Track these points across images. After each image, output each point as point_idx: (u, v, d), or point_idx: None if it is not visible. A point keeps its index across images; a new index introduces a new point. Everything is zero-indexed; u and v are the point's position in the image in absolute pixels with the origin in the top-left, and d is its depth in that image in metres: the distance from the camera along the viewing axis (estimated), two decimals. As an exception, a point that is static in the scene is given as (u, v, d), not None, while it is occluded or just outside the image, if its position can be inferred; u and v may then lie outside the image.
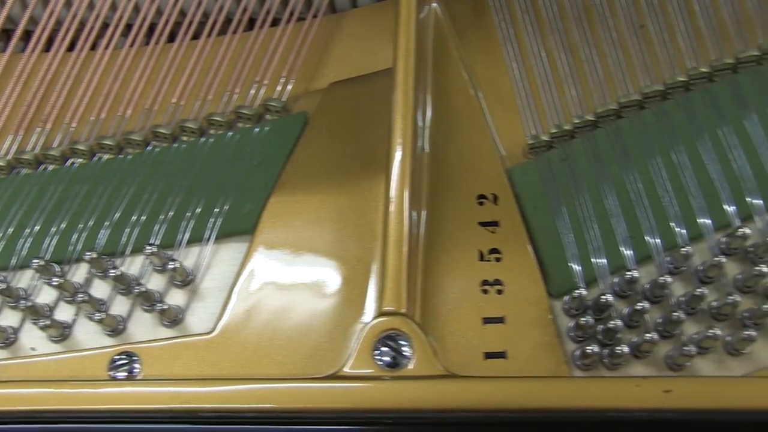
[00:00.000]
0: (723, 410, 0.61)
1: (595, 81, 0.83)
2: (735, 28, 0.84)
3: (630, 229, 0.74)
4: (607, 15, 0.86)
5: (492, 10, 0.88)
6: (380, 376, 0.65)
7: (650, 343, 0.69)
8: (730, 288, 0.72)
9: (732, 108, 0.79)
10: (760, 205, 0.74)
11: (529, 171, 0.78)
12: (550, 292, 0.73)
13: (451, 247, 0.75)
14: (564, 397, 0.63)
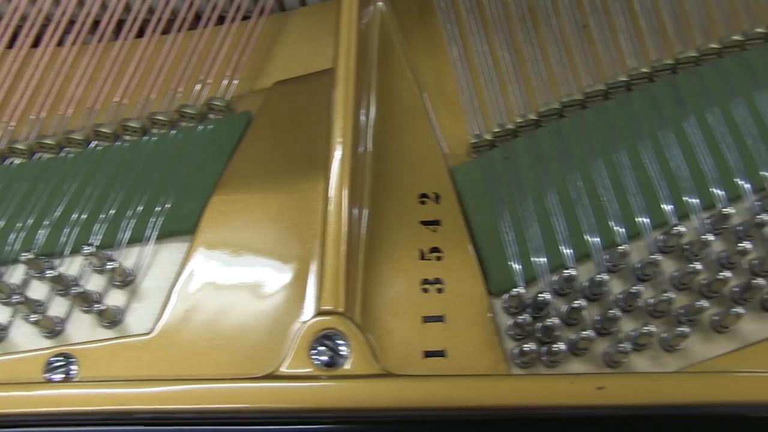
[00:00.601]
0: (655, 406, 0.62)
1: (538, 80, 0.83)
2: (674, 29, 0.85)
3: (570, 227, 0.75)
4: (551, 15, 0.86)
5: (437, 10, 0.87)
6: (317, 376, 0.65)
7: (587, 341, 0.69)
8: (667, 285, 0.72)
9: (671, 108, 0.80)
10: (696, 204, 0.75)
11: (472, 170, 0.78)
12: (490, 291, 0.73)
13: (392, 246, 0.75)
14: (499, 394, 0.63)
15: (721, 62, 0.82)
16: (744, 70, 0.81)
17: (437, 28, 0.87)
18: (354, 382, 0.65)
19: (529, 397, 0.63)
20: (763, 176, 0.77)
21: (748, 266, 0.74)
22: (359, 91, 0.77)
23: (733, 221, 0.75)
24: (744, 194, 0.76)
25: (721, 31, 0.85)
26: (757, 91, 0.80)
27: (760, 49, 0.83)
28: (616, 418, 0.63)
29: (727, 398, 0.62)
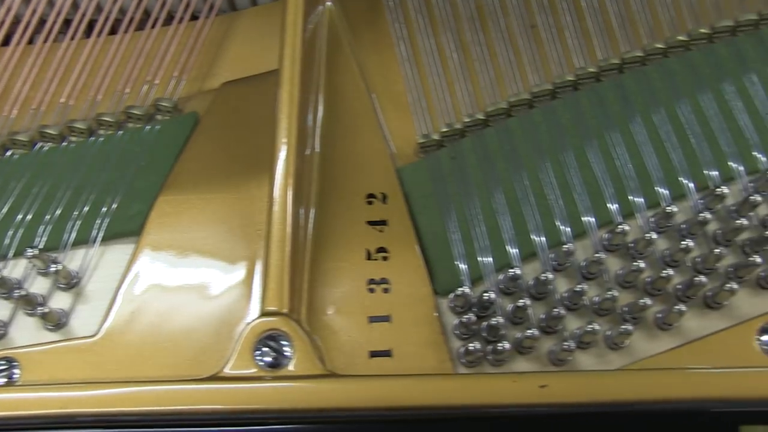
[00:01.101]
0: (596, 403, 0.62)
1: (486, 80, 0.84)
2: (621, 29, 0.85)
3: (516, 227, 0.75)
4: (499, 15, 0.87)
5: (386, 10, 0.87)
6: (261, 377, 0.65)
7: (532, 339, 0.69)
8: (612, 283, 0.73)
9: (617, 107, 0.80)
10: (641, 203, 0.76)
11: (419, 170, 0.78)
12: (436, 291, 0.73)
13: (338, 247, 0.75)
14: (441, 394, 0.63)
15: (666, 62, 0.83)
16: (688, 70, 0.82)
17: (386, 28, 0.87)
18: (297, 382, 0.65)
19: (472, 396, 0.63)
20: (706, 175, 0.77)
21: (691, 264, 0.74)
22: (305, 91, 0.77)
23: (676, 219, 0.75)
24: (687, 193, 0.77)
25: (666, 31, 0.85)
26: (701, 91, 0.81)
27: (703, 50, 0.83)
28: (558, 416, 0.63)
29: (669, 395, 0.63)
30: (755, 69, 0.82)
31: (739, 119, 0.80)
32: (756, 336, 0.69)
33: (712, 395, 0.62)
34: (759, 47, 0.83)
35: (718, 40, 0.85)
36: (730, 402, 0.62)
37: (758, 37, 0.84)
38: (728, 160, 0.78)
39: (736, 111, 0.80)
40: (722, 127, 0.79)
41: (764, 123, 0.79)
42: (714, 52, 0.83)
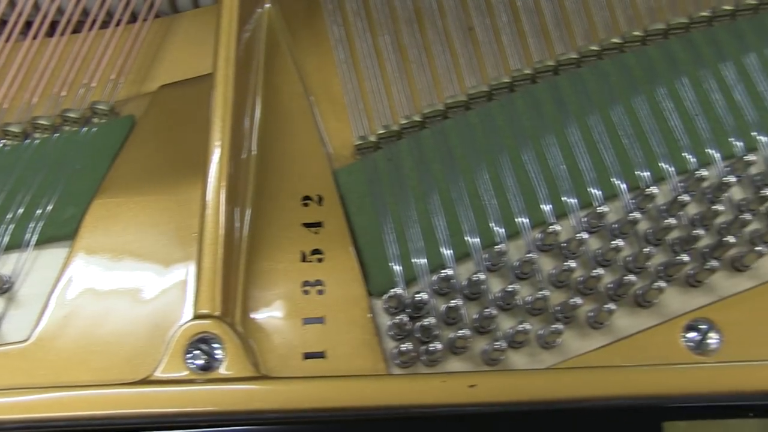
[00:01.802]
0: (523, 402, 0.63)
1: (423, 82, 0.84)
2: (556, 31, 0.86)
3: (450, 228, 0.76)
4: (436, 17, 0.87)
5: (325, 12, 0.88)
6: (191, 380, 0.65)
7: (464, 339, 0.70)
8: (545, 283, 0.74)
9: (552, 109, 0.81)
10: (573, 204, 0.77)
11: (355, 172, 0.79)
12: (370, 292, 0.73)
13: (273, 249, 0.75)
14: (372, 394, 0.64)
15: (600, 64, 0.84)
16: (622, 71, 0.83)
17: (325, 30, 0.87)
18: (227, 385, 0.65)
19: (402, 397, 0.64)
20: (637, 175, 0.78)
21: (622, 263, 0.75)
22: (241, 94, 0.77)
23: (608, 219, 0.76)
24: (619, 193, 0.78)
25: (601, 33, 0.87)
26: (634, 93, 0.82)
27: (636, 52, 0.85)
28: (489, 415, 0.64)
29: (593, 393, 0.64)
30: (686, 71, 0.83)
31: (670, 120, 0.81)
32: (682, 333, 0.70)
33: (635, 392, 0.63)
34: (689, 50, 0.84)
35: (650, 43, 0.86)
36: (654, 399, 0.63)
37: (688, 39, 0.85)
38: (659, 161, 0.79)
39: (667, 112, 0.81)
40: (653, 128, 0.80)
41: (694, 124, 0.80)
42: (646, 54, 0.84)
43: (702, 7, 0.88)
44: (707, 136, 0.81)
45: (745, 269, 0.75)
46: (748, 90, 0.83)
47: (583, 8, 0.87)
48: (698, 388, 0.64)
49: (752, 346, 0.69)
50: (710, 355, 0.69)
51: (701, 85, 0.83)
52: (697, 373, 0.65)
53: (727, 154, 0.80)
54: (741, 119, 0.82)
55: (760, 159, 0.80)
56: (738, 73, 0.83)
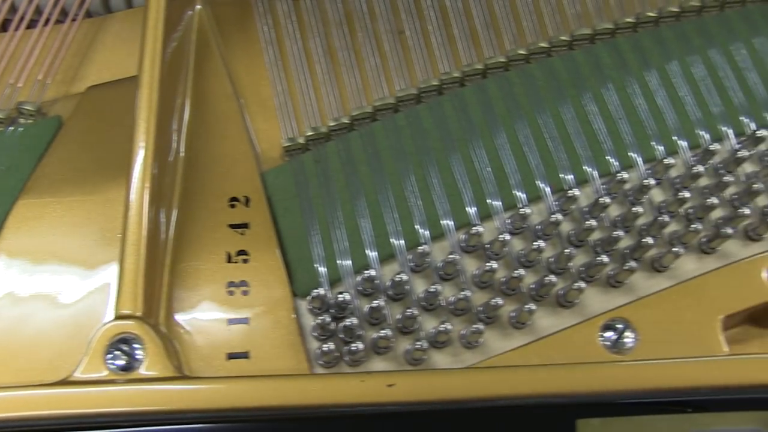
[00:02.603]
0: (440, 401, 0.64)
1: (353, 85, 0.85)
2: (485, 35, 0.87)
3: (376, 229, 0.76)
4: (367, 21, 0.88)
5: (256, 15, 0.88)
6: (111, 380, 0.65)
7: (386, 340, 0.71)
8: (468, 284, 0.75)
9: (479, 112, 0.82)
10: (498, 206, 0.78)
11: (283, 173, 0.79)
12: (295, 293, 0.74)
13: (199, 250, 0.75)
14: (291, 394, 0.64)
15: (528, 68, 0.86)
16: (548, 75, 0.85)
17: (256, 32, 0.88)
18: (147, 385, 0.65)
19: (321, 396, 0.64)
20: (561, 178, 0.80)
21: (545, 264, 0.77)
22: (167, 95, 0.77)
23: (532, 221, 0.77)
24: (543, 195, 0.79)
25: (529, 37, 0.88)
26: (560, 96, 0.83)
27: (563, 57, 0.86)
28: (407, 413, 0.64)
29: (508, 391, 0.65)
30: (610, 76, 0.85)
31: (594, 124, 0.82)
32: (599, 332, 0.71)
33: (549, 391, 0.64)
34: (614, 55, 0.86)
35: (577, 48, 0.87)
36: (568, 397, 0.64)
37: (613, 45, 0.87)
38: (582, 164, 0.80)
39: (591, 116, 0.83)
40: (578, 131, 0.82)
41: (617, 128, 0.82)
42: (573, 59, 0.86)
43: (627, 13, 0.89)
44: (630, 139, 0.82)
45: (664, 270, 0.77)
46: (670, 95, 0.85)
47: (512, 13, 0.89)
48: (611, 385, 0.65)
49: (667, 345, 0.71)
50: (626, 354, 0.71)
51: (625, 90, 0.85)
52: (611, 371, 0.66)
53: (649, 157, 0.82)
54: (662, 123, 0.83)
55: (679, 162, 0.81)
56: (660, 78, 0.85)
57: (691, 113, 0.84)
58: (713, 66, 0.86)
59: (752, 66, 0.87)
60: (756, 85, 0.86)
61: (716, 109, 0.84)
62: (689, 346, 0.71)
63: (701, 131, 0.83)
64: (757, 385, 0.66)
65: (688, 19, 0.90)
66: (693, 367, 0.66)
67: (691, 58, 0.86)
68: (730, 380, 0.66)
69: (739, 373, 0.66)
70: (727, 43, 0.87)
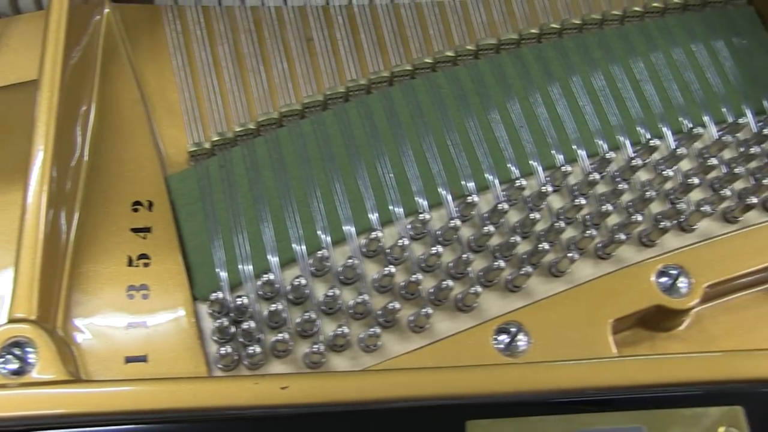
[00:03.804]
0: (335, 403, 0.65)
1: (260, 91, 0.85)
2: (392, 44, 0.89)
3: (278, 234, 0.77)
4: (276, 28, 0.89)
5: (164, 20, 0.88)
6: (3, 385, 0.65)
7: (284, 343, 0.71)
8: (368, 288, 0.76)
9: (384, 119, 0.84)
10: (399, 212, 0.79)
11: (187, 178, 0.80)
12: (196, 297, 0.74)
13: (100, 254, 0.75)
14: (185, 396, 0.64)
15: (433, 76, 0.87)
16: (453, 84, 0.86)
17: (165, 37, 0.88)
18: (39, 389, 0.65)
19: (215, 399, 0.65)
20: (462, 185, 0.81)
21: (445, 269, 0.78)
22: (69, 99, 0.77)
23: (431, 226, 0.79)
24: (444, 201, 0.81)
25: (435, 46, 0.90)
26: (463, 104, 0.85)
27: (468, 65, 0.88)
28: (301, 415, 0.65)
29: (403, 393, 0.66)
30: (513, 85, 0.87)
31: (496, 131, 0.84)
32: (493, 336, 0.73)
33: (440, 392, 0.66)
34: (518, 64, 0.88)
35: (482, 57, 0.89)
36: (458, 398, 0.66)
37: (517, 55, 0.89)
38: (484, 171, 0.82)
39: (494, 124, 0.85)
40: (480, 138, 0.84)
41: (518, 135, 0.84)
42: (477, 68, 0.88)
43: (531, 24, 0.92)
44: (530, 147, 0.84)
45: (561, 275, 0.79)
46: (570, 105, 0.87)
47: (419, 22, 0.90)
48: (500, 387, 0.67)
49: (559, 348, 0.73)
50: (518, 356, 0.72)
51: (527, 99, 0.87)
52: (500, 373, 0.68)
53: (548, 164, 0.84)
54: (562, 132, 0.85)
55: (578, 170, 0.84)
56: (561, 88, 0.87)
57: (590, 123, 0.86)
58: (612, 77, 0.89)
59: (648, 78, 0.89)
60: (652, 96, 0.88)
61: (614, 119, 0.86)
62: (580, 348, 0.73)
63: (599, 140, 0.85)
64: (641, 386, 0.68)
65: (589, 32, 0.92)
66: (580, 369, 0.68)
67: (591, 69, 0.89)
68: (616, 381, 0.68)
69: (624, 375, 0.68)
70: (625, 55, 0.90)
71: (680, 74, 0.90)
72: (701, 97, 0.89)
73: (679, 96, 0.89)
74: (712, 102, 0.89)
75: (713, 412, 0.67)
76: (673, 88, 0.89)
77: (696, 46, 0.92)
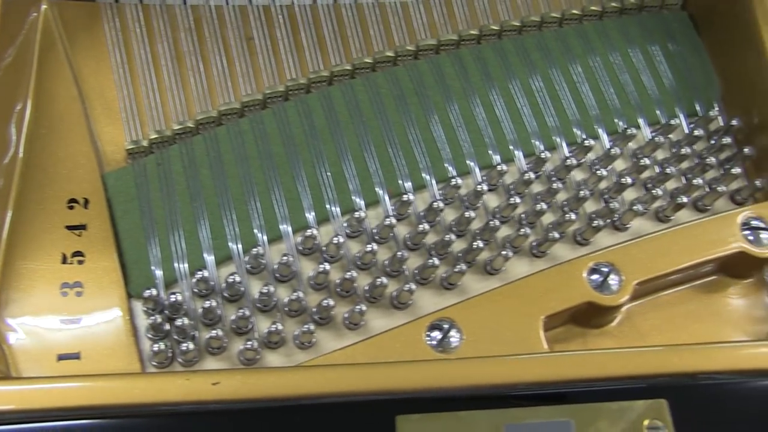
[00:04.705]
0: (265, 398, 0.65)
1: (199, 89, 0.86)
2: (333, 44, 0.90)
3: (214, 232, 0.77)
4: (216, 27, 0.89)
5: (103, 18, 0.88)
6: (-68, 383, 0.64)
7: (218, 340, 0.72)
8: (305, 286, 0.76)
9: (322, 118, 0.84)
10: (336, 211, 0.80)
11: (124, 176, 0.80)
12: (130, 294, 0.74)
13: (34, 251, 0.75)
14: (116, 393, 0.65)
15: (373, 76, 0.88)
16: (393, 83, 0.87)
17: (103, 34, 0.88)
18: (-32, 387, 0.64)
19: (146, 395, 0.65)
20: (399, 184, 0.82)
21: (380, 266, 0.79)
22: (2, 95, 0.77)
23: (368, 224, 0.80)
24: (381, 200, 0.81)
25: (375, 46, 0.90)
26: (402, 105, 0.86)
27: (408, 66, 0.89)
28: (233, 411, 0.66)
29: (333, 388, 0.67)
30: (451, 85, 0.88)
31: (435, 131, 0.85)
32: (426, 332, 0.74)
33: (371, 388, 0.66)
34: (457, 65, 0.89)
35: (422, 57, 0.90)
36: (388, 393, 0.66)
37: (457, 55, 0.90)
38: (421, 171, 0.83)
39: (432, 124, 0.86)
40: (418, 138, 0.85)
41: (456, 135, 0.85)
42: (417, 68, 0.89)
43: (472, 25, 0.93)
44: (467, 147, 0.85)
45: (496, 273, 0.80)
46: (508, 106, 0.88)
47: (359, 22, 0.91)
48: (430, 383, 0.68)
49: (491, 344, 0.74)
50: (451, 353, 0.73)
51: (466, 99, 0.88)
52: (430, 368, 0.69)
53: (485, 164, 0.85)
54: (499, 132, 0.87)
55: (514, 169, 0.85)
56: (500, 89, 0.89)
57: (528, 123, 0.88)
58: (550, 79, 0.90)
59: (585, 79, 0.91)
60: (588, 98, 0.90)
61: (551, 120, 0.88)
62: (512, 344, 0.74)
63: (536, 141, 0.87)
64: (568, 381, 0.69)
65: (528, 34, 0.93)
66: (508, 365, 0.69)
67: (529, 70, 0.90)
68: (544, 376, 0.69)
69: (552, 370, 0.69)
70: (563, 57, 0.91)
71: (616, 76, 0.92)
72: (636, 99, 0.90)
73: (614, 98, 0.90)
74: (646, 104, 0.91)
75: (639, 405, 0.69)
76: (609, 90, 0.91)
77: (632, 49, 0.94)
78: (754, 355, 0.71)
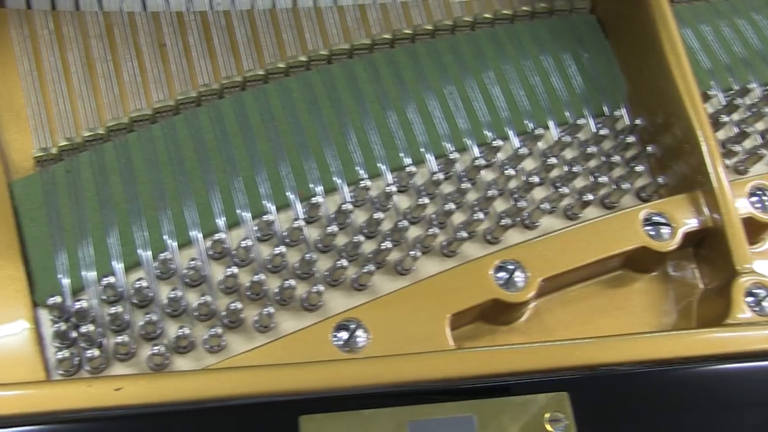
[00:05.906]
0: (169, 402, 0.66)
1: (110, 96, 0.86)
2: (246, 49, 0.90)
3: (123, 238, 0.78)
4: (128, 33, 0.89)
5: (11, 25, 0.88)
6: None
7: (125, 345, 0.72)
8: (214, 290, 0.77)
9: (234, 124, 0.85)
10: (247, 216, 0.80)
11: (31, 183, 0.79)
12: (36, 302, 0.74)
13: (-64, 260, 0.74)
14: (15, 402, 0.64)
15: (286, 81, 0.89)
16: (305, 88, 0.88)
17: (11, 41, 0.87)
18: None
19: (48, 403, 0.65)
20: (310, 187, 0.83)
21: (291, 269, 0.79)
22: None
23: (278, 228, 0.80)
24: (291, 204, 0.82)
25: (289, 51, 0.91)
26: (314, 109, 0.87)
27: (321, 70, 0.90)
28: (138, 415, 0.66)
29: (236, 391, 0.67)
30: (364, 89, 0.89)
31: (346, 135, 0.86)
32: (332, 332, 0.75)
33: (273, 389, 0.67)
34: (370, 69, 0.91)
35: (335, 62, 0.91)
36: (291, 394, 0.67)
37: (370, 59, 0.91)
38: (332, 174, 0.84)
39: (343, 127, 0.87)
40: (329, 141, 0.86)
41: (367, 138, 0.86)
42: (330, 72, 0.90)
43: (385, 30, 0.94)
44: (378, 150, 0.86)
45: (406, 273, 0.81)
46: (420, 108, 0.89)
47: (273, 27, 0.92)
48: (334, 382, 0.68)
49: (398, 343, 0.75)
50: (357, 352, 0.74)
51: (378, 103, 0.89)
52: (334, 368, 0.69)
53: (396, 166, 0.86)
54: (411, 135, 0.88)
55: (425, 170, 0.86)
56: (412, 92, 0.90)
57: (439, 125, 0.89)
58: (461, 81, 0.92)
59: (496, 82, 0.92)
60: (499, 99, 0.91)
61: (462, 122, 0.89)
62: (418, 343, 0.75)
63: (446, 143, 0.88)
64: (471, 377, 0.70)
65: (441, 37, 0.95)
66: (411, 362, 0.70)
67: (441, 73, 0.91)
68: (446, 373, 0.70)
69: (455, 366, 0.71)
70: (475, 60, 0.93)
71: (527, 78, 0.93)
72: (546, 101, 0.92)
73: (525, 99, 0.92)
74: (555, 105, 0.93)
75: (540, 398, 0.70)
76: (519, 92, 0.92)
77: (542, 52, 0.95)
78: (652, 345, 0.73)
